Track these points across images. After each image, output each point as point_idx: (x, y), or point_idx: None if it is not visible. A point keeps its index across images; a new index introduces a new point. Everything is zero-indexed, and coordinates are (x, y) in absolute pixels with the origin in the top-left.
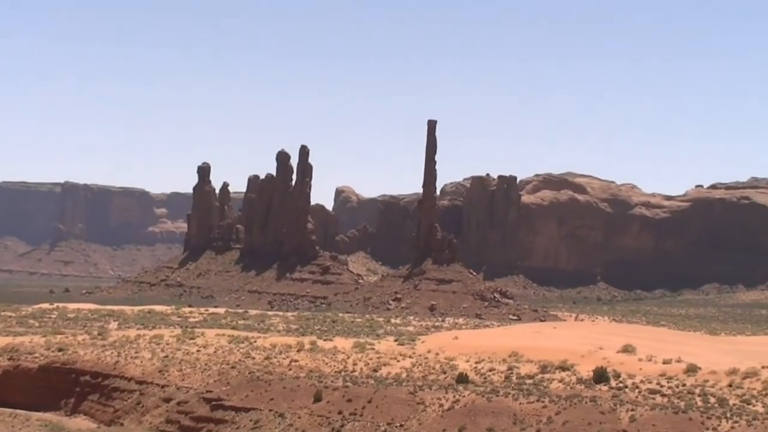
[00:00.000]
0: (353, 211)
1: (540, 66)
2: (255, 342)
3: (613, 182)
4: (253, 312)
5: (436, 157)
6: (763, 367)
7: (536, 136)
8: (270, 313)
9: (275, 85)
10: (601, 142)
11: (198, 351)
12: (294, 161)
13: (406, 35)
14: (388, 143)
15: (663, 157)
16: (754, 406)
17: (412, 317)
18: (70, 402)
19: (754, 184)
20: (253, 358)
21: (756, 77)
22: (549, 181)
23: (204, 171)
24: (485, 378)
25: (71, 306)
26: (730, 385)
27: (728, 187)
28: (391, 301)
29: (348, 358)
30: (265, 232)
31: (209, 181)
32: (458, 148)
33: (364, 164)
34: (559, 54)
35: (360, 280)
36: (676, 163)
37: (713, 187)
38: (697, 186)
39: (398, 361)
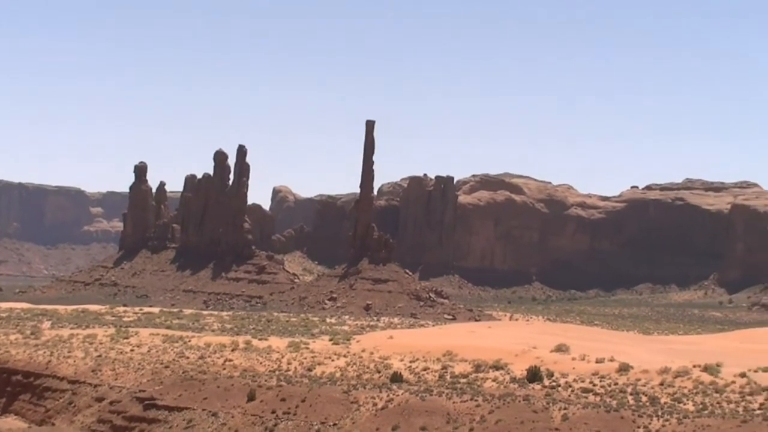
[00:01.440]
0: (290, 210)
1: (477, 66)
2: (189, 341)
3: (549, 183)
4: (187, 311)
5: (374, 158)
6: (694, 366)
7: (474, 136)
8: (205, 312)
9: (213, 85)
10: (537, 143)
11: (132, 350)
12: (231, 161)
13: (344, 34)
14: (326, 143)
15: (599, 158)
16: (684, 404)
17: (347, 317)
18: (1, 401)
19: (688, 185)
20: (187, 358)
21: (690, 78)
22: (486, 182)
23: (141, 170)
24: (419, 377)
25: (4, 305)
26: (661, 384)
27: (663, 188)
28: (326, 301)
29: (282, 357)
30: (201, 231)
31: (146, 181)
32: (396, 148)
33: (302, 164)
34: (495, 54)
35: (296, 280)
36: (612, 165)
37: (648, 188)
38: (632, 187)
39: (333, 360)
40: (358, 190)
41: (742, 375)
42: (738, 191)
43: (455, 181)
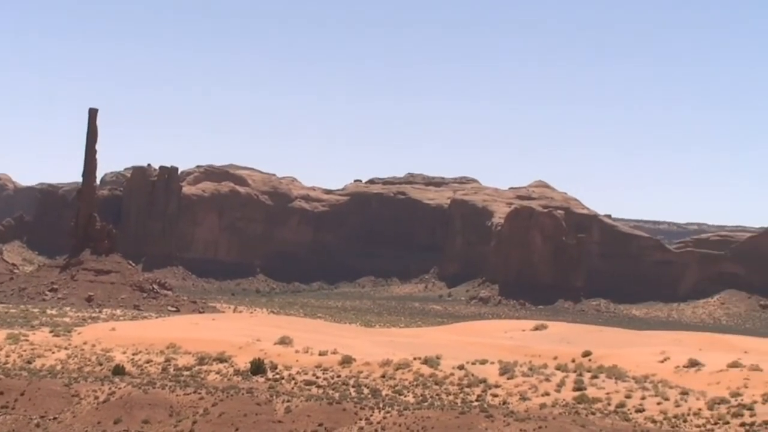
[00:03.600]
0: (9, 199)
1: (201, 57)
2: None
3: (274, 175)
4: None
5: (97, 146)
6: (414, 359)
7: (198, 127)
8: None
9: None
10: (262, 136)
11: None
12: None
13: (68, 18)
14: (47, 130)
15: (324, 152)
16: (405, 396)
17: (68, 308)
18: None
19: (410, 179)
20: None
21: (414, 78)
22: (210, 173)
23: None
24: (142, 370)
25: None
26: (383, 377)
27: (385, 182)
28: (47, 292)
29: (0, 349)
30: None
31: None
32: (119, 137)
33: (22, 151)
34: (222, 46)
35: (15, 270)
36: (337, 158)
37: (371, 182)
38: (355, 180)
39: (53, 352)
40: (80, 179)
41: (461, 367)
42: (457, 186)
43: (179, 171)
